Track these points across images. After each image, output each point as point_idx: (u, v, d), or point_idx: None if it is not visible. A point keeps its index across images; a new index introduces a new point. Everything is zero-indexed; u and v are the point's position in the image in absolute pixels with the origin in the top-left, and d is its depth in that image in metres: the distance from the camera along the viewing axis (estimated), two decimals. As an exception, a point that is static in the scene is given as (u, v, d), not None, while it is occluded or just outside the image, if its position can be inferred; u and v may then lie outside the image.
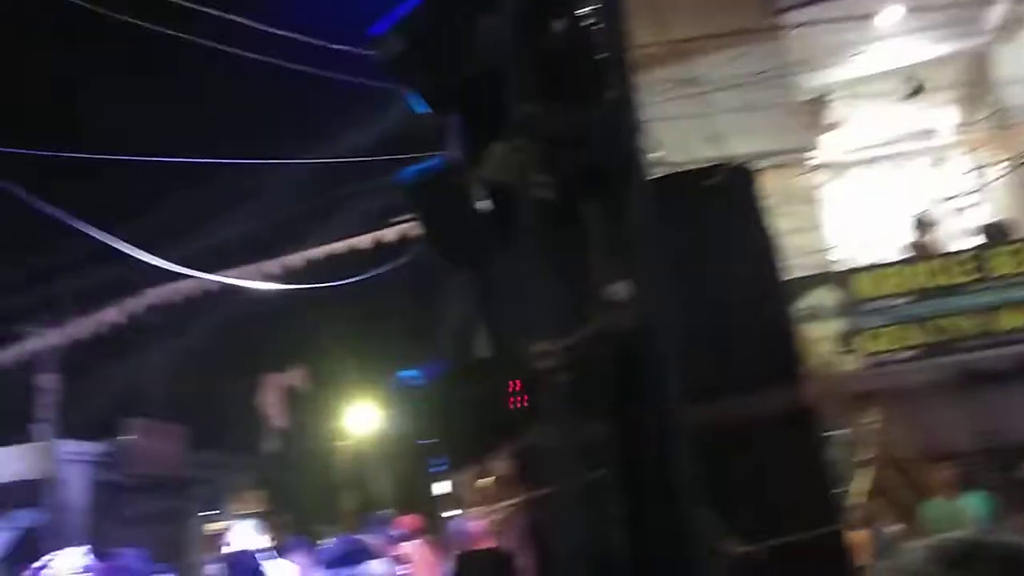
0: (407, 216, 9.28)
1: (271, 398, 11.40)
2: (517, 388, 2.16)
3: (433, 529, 6.36)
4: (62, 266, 10.56)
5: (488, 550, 2.64)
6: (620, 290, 2.14)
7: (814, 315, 8.25)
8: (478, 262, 2.40)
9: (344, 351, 12.93)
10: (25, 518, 11.98)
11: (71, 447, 12.75)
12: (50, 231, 8.51)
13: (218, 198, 9.38)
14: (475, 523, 3.93)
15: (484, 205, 2.35)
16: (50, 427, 12.36)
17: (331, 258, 9.98)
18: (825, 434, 2.41)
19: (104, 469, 13.18)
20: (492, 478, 2.98)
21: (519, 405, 2.16)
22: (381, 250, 10.17)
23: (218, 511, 14.58)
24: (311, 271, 9.91)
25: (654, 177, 2.55)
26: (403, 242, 9.89)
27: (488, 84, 2.41)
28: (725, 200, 2.45)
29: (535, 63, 2.43)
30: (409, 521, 5.76)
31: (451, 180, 2.21)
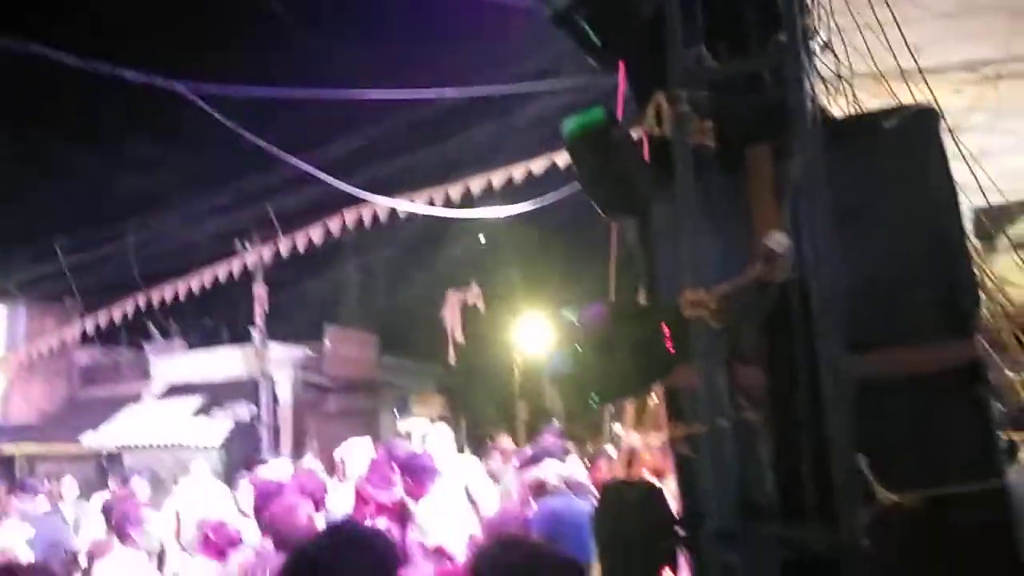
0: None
1: (451, 312, 12.14)
2: (671, 332, 2.25)
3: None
4: (270, 190, 11.62)
5: (635, 481, 2.80)
6: (779, 239, 2.14)
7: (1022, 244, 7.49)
8: (636, 213, 2.48)
9: (519, 273, 13.46)
10: (242, 411, 13.68)
11: (279, 350, 14.28)
12: (257, 160, 9.37)
13: (401, 128, 9.87)
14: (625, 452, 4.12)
15: (640, 154, 2.40)
16: (262, 332, 13.87)
17: (509, 182, 10.26)
18: (992, 386, 2.30)
19: (306, 371, 14.68)
20: (644, 414, 3.12)
21: (673, 348, 2.26)
22: (556, 173, 10.33)
23: (405, 411, 15.89)
24: (490, 195, 10.26)
25: (827, 120, 2.48)
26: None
27: (655, 29, 2.42)
28: (904, 146, 2.34)
29: (701, 5, 2.40)
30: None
31: (611, 132, 2.27)
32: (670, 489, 2.48)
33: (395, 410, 15.86)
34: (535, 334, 13.22)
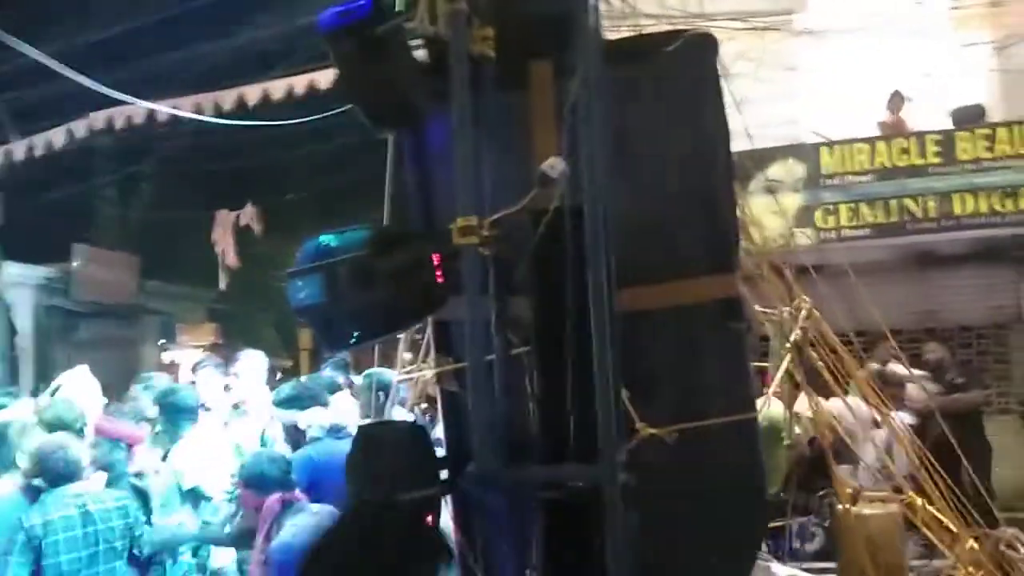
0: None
1: (222, 234, 11.19)
2: (439, 261, 2.05)
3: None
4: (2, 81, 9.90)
5: (393, 421, 2.61)
6: (555, 165, 1.98)
7: (774, 187, 8.18)
8: (405, 124, 2.21)
9: (299, 193, 12.62)
10: (-29, 336, 11.93)
11: (16, 270, 12.53)
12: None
13: (160, 20, 8.70)
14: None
15: (414, 59, 2.13)
16: (-6, 248, 12.07)
17: (290, 95, 9.45)
18: (748, 321, 2.36)
19: (52, 295, 13.04)
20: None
21: (441, 279, 2.05)
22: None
23: (171, 341, 14.69)
24: (269, 107, 9.41)
25: (608, 39, 2.34)
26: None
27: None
28: (681, 71, 2.26)
29: None
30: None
31: (377, 28, 1.97)
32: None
33: (161, 340, 14.61)
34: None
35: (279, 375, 10.01)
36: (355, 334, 2.00)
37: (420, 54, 2.34)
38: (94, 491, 4.01)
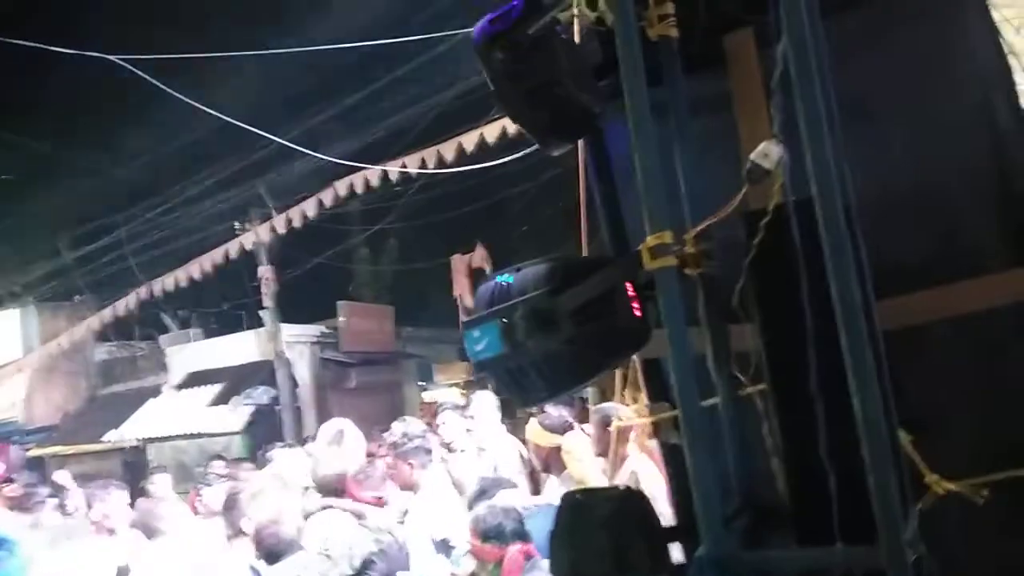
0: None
1: (458, 277, 11.60)
2: (635, 291, 1.68)
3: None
4: (259, 166, 11.09)
5: (604, 489, 2.22)
6: (769, 152, 1.54)
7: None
8: (578, 134, 1.88)
9: (523, 229, 12.80)
10: (261, 394, 13.39)
11: (294, 330, 13.92)
12: (233, 132, 8.80)
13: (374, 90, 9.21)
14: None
15: (581, 57, 1.80)
16: (273, 313, 13.50)
17: (504, 135, 9.59)
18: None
19: (324, 349, 14.32)
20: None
21: (638, 312, 1.68)
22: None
23: (429, 381, 15.51)
24: (486, 151, 9.62)
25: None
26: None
27: None
28: (932, 9, 1.71)
29: None
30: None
31: (531, 26, 1.67)
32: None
33: (419, 381, 15.49)
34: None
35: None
36: (539, 386, 1.68)
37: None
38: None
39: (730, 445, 1.71)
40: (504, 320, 1.68)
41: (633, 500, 1.77)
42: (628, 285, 1.69)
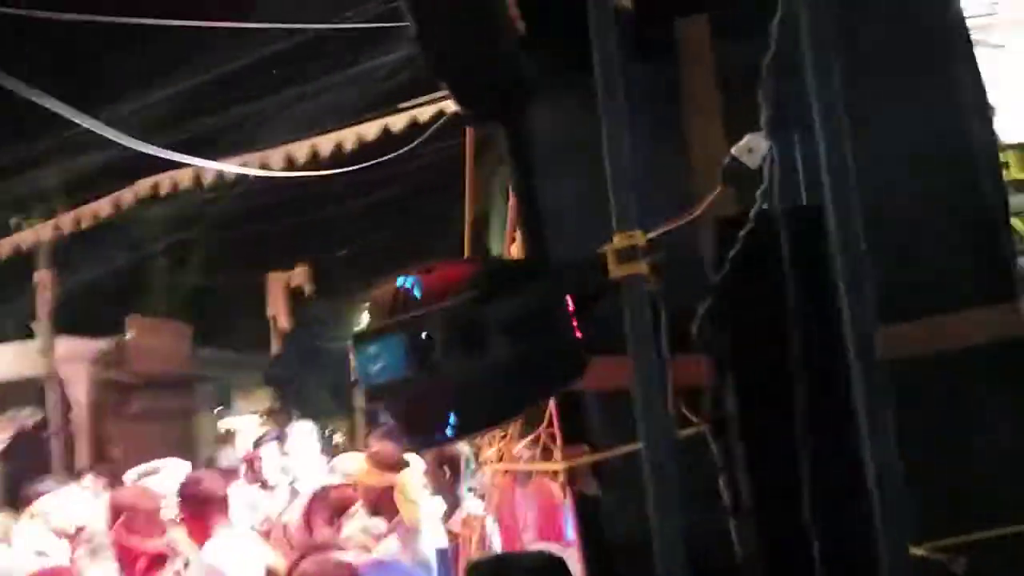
0: (423, 98, 8.30)
1: (274, 297, 10.74)
2: (577, 306, 1.35)
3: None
4: (44, 154, 9.72)
5: (517, 554, 1.86)
6: (755, 146, 1.29)
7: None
8: (511, 109, 1.54)
9: (353, 248, 12.17)
10: (26, 416, 11.66)
11: (71, 345, 12.28)
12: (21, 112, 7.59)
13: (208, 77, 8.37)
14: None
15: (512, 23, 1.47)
16: (48, 324, 11.85)
17: (338, 147, 9.04)
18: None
19: (106, 368, 12.74)
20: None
21: (578, 332, 1.35)
22: (391, 138, 9.22)
23: (228, 408, 14.30)
24: (315, 162, 9.00)
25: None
26: (417, 128, 8.90)
27: None
28: (916, 19, 1.56)
29: None
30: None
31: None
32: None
33: (216, 408, 14.20)
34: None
35: (335, 440, 9.40)
36: (453, 421, 1.30)
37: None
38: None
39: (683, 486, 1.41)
40: (413, 333, 1.28)
41: (552, 564, 1.42)
42: (568, 298, 1.36)
